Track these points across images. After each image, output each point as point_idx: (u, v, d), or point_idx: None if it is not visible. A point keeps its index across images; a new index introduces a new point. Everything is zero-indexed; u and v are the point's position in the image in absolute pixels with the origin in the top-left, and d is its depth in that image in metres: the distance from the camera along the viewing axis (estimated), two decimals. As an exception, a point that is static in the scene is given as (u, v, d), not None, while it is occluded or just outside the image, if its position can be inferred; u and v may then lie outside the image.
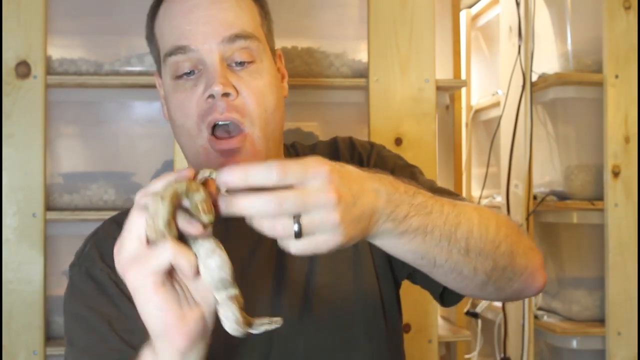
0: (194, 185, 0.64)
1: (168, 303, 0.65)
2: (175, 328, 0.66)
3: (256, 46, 0.96)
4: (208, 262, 0.65)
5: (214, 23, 0.94)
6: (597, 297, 1.84)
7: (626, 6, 1.80)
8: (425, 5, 1.70)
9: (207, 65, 0.94)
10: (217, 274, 0.66)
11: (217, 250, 0.66)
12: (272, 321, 0.70)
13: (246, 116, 0.94)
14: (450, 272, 0.82)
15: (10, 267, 1.59)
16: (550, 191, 1.91)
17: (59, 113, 1.70)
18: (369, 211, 0.71)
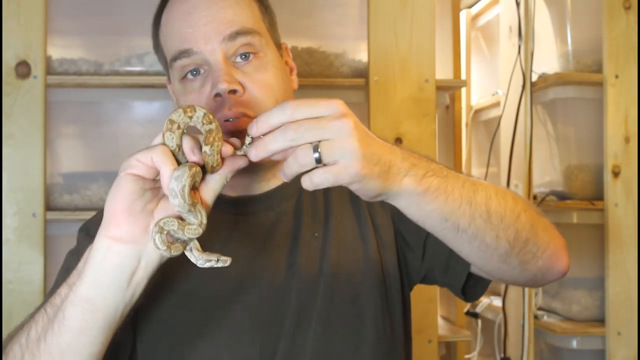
0: (208, 117, 0.74)
1: (127, 189, 0.73)
2: (118, 214, 0.74)
3: (258, 40, 0.97)
4: (173, 172, 0.72)
5: (214, 22, 0.95)
6: (597, 297, 1.84)
7: (626, 6, 1.80)
8: (425, 5, 1.70)
9: (211, 65, 0.95)
10: (171, 183, 0.72)
11: (185, 167, 0.72)
12: (221, 259, 0.76)
13: (255, 109, 0.95)
14: (474, 238, 0.82)
15: (10, 267, 1.59)
16: (550, 191, 1.91)
17: (59, 113, 1.70)
18: (387, 160, 0.76)
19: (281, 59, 1.03)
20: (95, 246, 0.75)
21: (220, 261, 0.77)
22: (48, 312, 0.78)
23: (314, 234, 1.01)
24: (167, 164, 0.73)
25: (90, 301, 0.75)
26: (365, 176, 0.72)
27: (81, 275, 0.76)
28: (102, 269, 0.75)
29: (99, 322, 0.76)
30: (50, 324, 0.76)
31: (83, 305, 0.75)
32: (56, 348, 0.76)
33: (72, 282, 0.77)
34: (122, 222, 0.74)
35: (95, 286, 0.75)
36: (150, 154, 0.73)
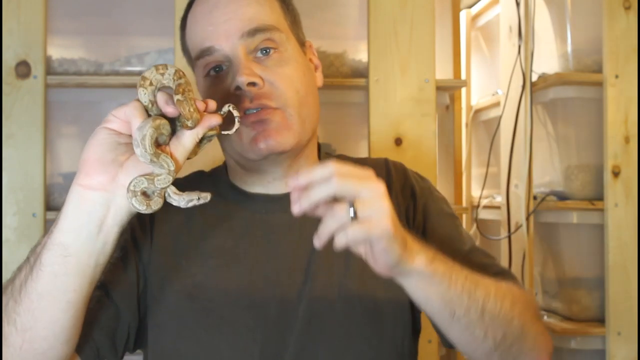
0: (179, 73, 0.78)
1: (101, 141, 0.78)
2: (90, 162, 0.79)
3: (278, 36, 0.99)
4: (140, 125, 0.77)
5: (234, 20, 0.97)
6: (597, 297, 1.84)
7: (626, 6, 1.80)
8: (425, 5, 1.70)
9: (232, 61, 0.97)
10: (135, 133, 0.76)
11: (150, 119, 0.76)
12: (201, 196, 0.80)
13: (276, 100, 0.96)
14: (465, 329, 0.87)
15: (10, 267, 1.58)
16: (550, 191, 1.91)
17: (59, 113, 1.70)
18: (404, 234, 0.79)
19: (304, 55, 1.04)
20: (69, 195, 0.80)
21: (201, 198, 0.80)
22: (30, 260, 0.81)
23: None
24: (136, 116, 0.77)
25: (63, 245, 0.79)
26: (393, 235, 0.75)
27: (56, 222, 0.80)
28: (74, 214, 0.79)
29: (72, 268, 0.79)
30: (30, 271, 0.80)
31: (57, 250, 0.79)
32: (34, 293, 0.79)
33: (51, 230, 0.80)
34: (93, 170, 0.79)
35: (67, 231, 0.79)
36: (123, 109, 0.78)
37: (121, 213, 0.80)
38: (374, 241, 0.75)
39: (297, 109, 0.98)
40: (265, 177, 1.03)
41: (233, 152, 1.01)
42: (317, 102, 1.04)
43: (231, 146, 1.00)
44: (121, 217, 0.81)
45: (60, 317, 0.81)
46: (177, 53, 1.62)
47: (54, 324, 0.81)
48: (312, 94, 1.02)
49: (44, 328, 0.80)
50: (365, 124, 1.70)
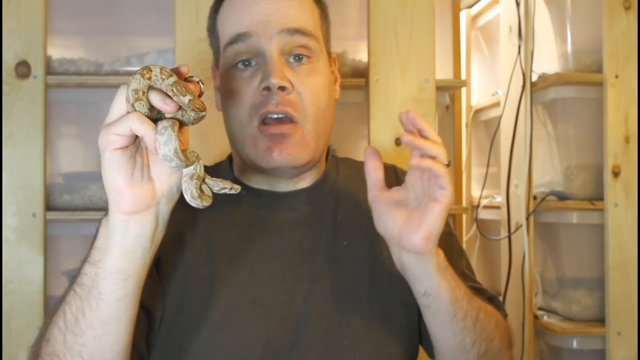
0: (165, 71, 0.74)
1: (121, 164, 0.74)
2: (122, 189, 0.75)
3: (314, 45, 0.99)
4: (158, 138, 0.74)
5: (276, 14, 0.97)
6: (597, 297, 1.84)
7: (626, 6, 1.80)
8: (425, 5, 1.70)
9: (265, 57, 0.96)
10: (162, 150, 0.74)
11: (168, 129, 0.74)
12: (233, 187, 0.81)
13: (299, 111, 0.96)
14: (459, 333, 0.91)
15: (10, 267, 1.59)
16: (550, 191, 1.91)
17: (59, 113, 1.70)
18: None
19: (329, 67, 1.04)
20: (113, 224, 0.77)
21: (233, 189, 0.81)
22: (79, 293, 0.80)
23: (342, 243, 1.01)
24: (148, 130, 0.74)
25: (122, 272, 0.78)
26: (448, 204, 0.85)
27: (106, 251, 0.77)
28: (126, 240, 0.77)
29: (132, 287, 0.79)
30: (85, 302, 0.79)
31: (116, 277, 0.78)
32: (98, 322, 0.79)
33: (95, 259, 0.78)
34: (130, 196, 0.75)
35: (123, 257, 0.77)
36: (127, 124, 0.73)
37: (166, 216, 0.80)
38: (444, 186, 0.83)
39: (315, 125, 0.98)
40: (271, 179, 1.03)
41: (243, 153, 1.00)
42: (333, 115, 1.04)
43: (243, 149, 1.00)
44: (166, 219, 0.81)
45: (124, 335, 0.81)
46: (177, 53, 1.62)
47: (118, 343, 0.81)
48: (330, 109, 1.02)
49: (110, 350, 0.80)
50: (365, 124, 1.70)
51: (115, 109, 0.76)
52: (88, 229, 1.72)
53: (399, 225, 0.87)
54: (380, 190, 0.89)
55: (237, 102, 0.98)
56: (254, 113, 0.96)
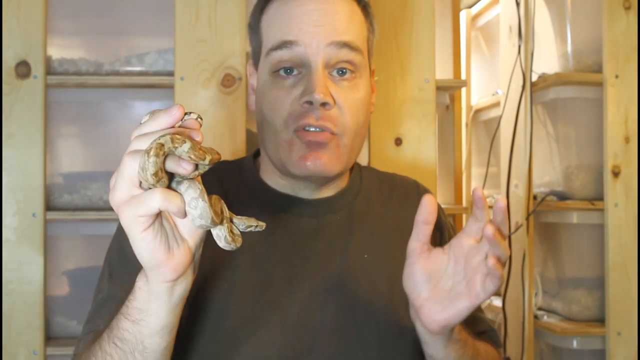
0: (177, 139, 0.67)
1: (156, 241, 0.70)
2: (163, 263, 0.71)
3: (359, 60, 0.97)
4: (190, 211, 0.70)
5: (326, 26, 0.95)
6: (597, 297, 1.84)
7: (626, 6, 1.80)
8: (425, 5, 1.70)
9: (310, 69, 0.94)
10: (198, 222, 0.71)
11: (199, 200, 0.70)
12: (258, 224, 0.79)
13: (339, 126, 0.95)
14: None
15: (10, 267, 1.59)
16: (550, 191, 1.91)
17: (59, 113, 1.70)
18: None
19: (370, 81, 1.03)
20: (157, 290, 0.74)
21: (259, 226, 0.79)
22: (121, 346, 0.78)
23: (364, 255, 1.01)
24: (179, 206, 0.69)
25: (167, 327, 0.77)
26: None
27: (149, 312, 0.76)
28: (171, 301, 0.76)
29: (175, 334, 0.79)
30: (129, 355, 0.78)
31: (161, 332, 0.77)
32: None
33: (136, 318, 0.76)
34: (172, 266, 0.72)
35: (169, 315, 0.76)
36: (154, 205, 0.67)
37: (199, 260, 0.78)
38: (489, 290, 0.81)
39: (351, 140, 0.97)
40: (298, 185, 1.02)
41: (275, 157, 0.99)
42: (367, 130, 1.04)
43: (276, 152, 0.98)
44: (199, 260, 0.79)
45: None
46: (177, 53, 1.62)
47: None
48: (366, 124, 1.02)
49: None
50: (365, 124, 1.70)
51: (123, 183, 0.69)
52: (88, 229, 1.73)
53: (423, 299, 0.85)
54: (422, 247, 0.86)
55: (275, 109, 0.96)
56: (292, 122, 0.95)
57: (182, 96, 1.62)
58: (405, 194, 1.10)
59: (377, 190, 1.09)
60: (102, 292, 0.94)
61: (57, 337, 1.66)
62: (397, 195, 1.10)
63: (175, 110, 0.69)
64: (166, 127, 0.69)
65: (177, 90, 1.62)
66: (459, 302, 0.82)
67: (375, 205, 1.07)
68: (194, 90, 1.62)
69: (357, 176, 1.09)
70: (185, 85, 1.62)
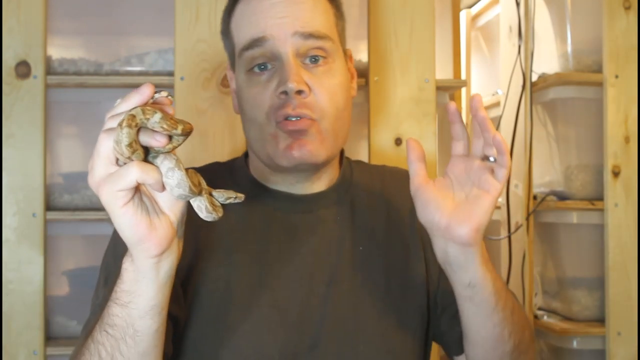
0: (148, 110, 0.69)
1: (137, 215, 0.71)
2: (146, 237, 0.72)
3: (329, 46, 0.99)
4: (167, 181, 0.71)
5: (290, 17, 0.97)
6: (597, 297, 1.84)
7: (626, 6, 1.80)
8: (425, 5, 1.70)
9: (281, 61, 0.96)
10: (176, 192, 0.72)
11: (175, 170, 0.71)
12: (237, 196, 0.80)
13: (317, 112, 0.96)
14: (499, 324, 0.92)
15: (10, 267, 1.59)
16: (550, 191, 1.91)
17: (59, 113, 1.70)
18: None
19: (346, 66, 1.05)
20: (142, 268, 0.75)
21: (237, 198, 0.80)
22: (112, 333, 0.78)
23: (359, 248, 1.01)
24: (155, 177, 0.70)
25: (156, 307, 0.77)
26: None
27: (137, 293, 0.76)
28: (159, 279, 0.76)
29: (165, 316, 0.79)
30: (121, 342, 0.78)
31: (152, 313, 0.77)
32: (136, 355, 0.78)
33: (125, 301, 0.76)
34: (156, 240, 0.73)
35: (157, 294, 0.76)
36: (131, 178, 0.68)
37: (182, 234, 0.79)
38: (502, 179, 0.86)
39: (333, 124, 0.98)
40: (289, 179, 1.02)
41: (263, 153, 1.00)
42: (350, 114, 1.04)
43: (263, 147, 0.99)
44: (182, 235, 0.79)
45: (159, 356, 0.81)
46: (177, 53, 1.62)
47: None
48: (347, 109, 1.02)
49: None
50: (365, 124, 1.70)
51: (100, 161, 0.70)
52: (88, 229, 1.73)
53: (447, 216, 0.86)
54: (424, 180, 0.89)
55: (256, 106, 0.97)
56: (272, 115, 0.96)
57: (182, 96, 1.62)
58: (397, 184, 1.10)
59: (368, 182, 1.09)
60: (98, 297, 0.94)
61: (57, 337, 1.66)
62: (388, 186, 1.10)
63: (145, 88, 0.71)
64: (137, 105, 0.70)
65: (177, 90, 1.62)
66: (480, 202, 0.85)
67: (367, 197, 1.07)
68: (194, 90, 1.62)
69: (347, 170, 1.10)
70: (185, 85, 1.62)
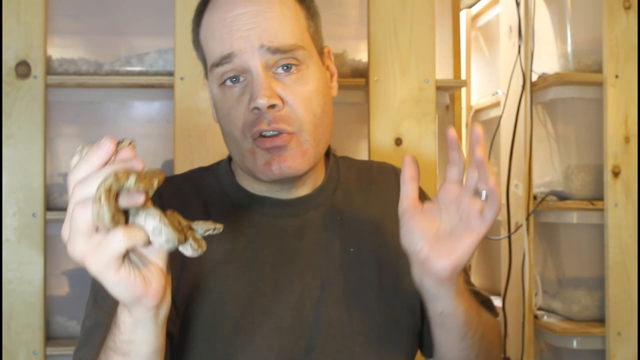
0: (120, 176, 0.66)
1: (131, 277, 0.68)
2: (143, 294, 0.69)
3: (301, 54, 0.95)
4: (155, 239, 0.70)
5: (257, 29, 0.93)
6: (597, 297, 1.84)
7: (626, 6, 1.80)
8: (425, 5, 1.70)
9: (252, 74, 0.93)
10: (165, 247, 0.70)
11: (162, 226, 0.70)
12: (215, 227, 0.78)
13: (293, 124, 0.94)
14: (467, 349, 0.94)
15: (10, 267, 1.59)
16: (550, 191, 1.91)
17: (59, 113, 1.70)
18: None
19: (322, 67, 1.01)
20: (141, 318, 0.73)
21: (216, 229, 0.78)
22: None
23: (349, 249, 1.00)
24: (144, 239, 0.68)
25: (157, 349, 0.76)
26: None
27: (138, 343, 0.75)
28: (157, 325, 0.75)
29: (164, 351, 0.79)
30: None
31: (153, 356, 0.76)
32: None
33: (126, 350, 0.75)
34: (150, 294, 0.70)
35: (157, 337, 0.75)
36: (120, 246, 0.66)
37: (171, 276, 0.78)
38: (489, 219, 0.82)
39: (312, 133, 0.95)
40: (274, 186, 1.01)
41: (243, 166, 0.99)
42: (331, 116, 1.01)
43: (242, 162, 0.98)
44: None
45: None
46: (177, 53, 1.62)
47: None
48: (327, 112, 0.99)
49: None
50: (365, 124, 1.70)
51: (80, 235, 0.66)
52: (88, 229, 1.73)
53: (428, 247, 0.84)
54: (414, 203, 0.86)
55: (230, 121, 0.96)
56: (247, 131, 0.94)
57: (182, 96, 1.62)
58: (384, 180, 1.09)
59: (355, 181, 1.08)
60: (88, 318, 0.93)
61: (57, 337, 1.66)
62: (375, 182, 1.09)
63: (107, 144, 0.68)
64: (102, 165, 0.67)
65: (177, 90, 1.62)
66: (463, 240, 0.83)
67: (355, 196, 1.06)
68: (194, 90, 1.62)
69: (334, 169, 1.07)
70: (185, 85, 1.62)
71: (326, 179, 1.05)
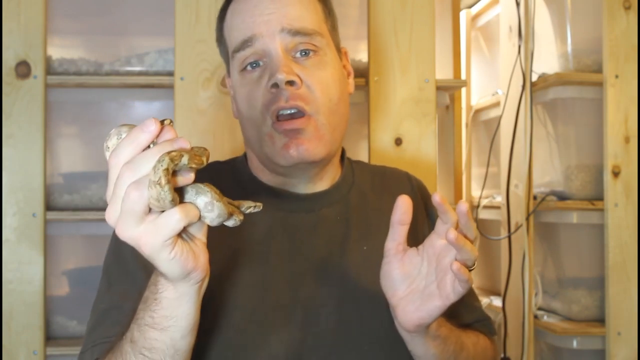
0: (174, 156, 0.65)
1: (184, 255, 0.69)
2: (194, 268, 0.71)
3: (319, 41, 0.98)
4: (206, 215, 0.70)
5: (277, 13, 0.97)
6: (597, 297, 1.84)
7: (626, 6, 1.80)
8: (425, 5, 1.70)
9: (271, 56, 0.96)
10: (216, 222, 0.71)
11: (214, 203, 0.70)
12: (256, 205, 0.79)
13: (310, 104, 0.96)
14: None
15: (10, 267, 1.59)
16: (550, 191, 1.91)
17: (59, 113, 1.70)
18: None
19: (340, 61, 1.04)
20: (186, 292, 0.74)
21: (257, 207, 0.79)
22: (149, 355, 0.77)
23: (363, 247, 1.01)
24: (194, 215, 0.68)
25: (196, 323, 0.77)
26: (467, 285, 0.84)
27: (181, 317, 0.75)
28: (199, 297, 0.76)
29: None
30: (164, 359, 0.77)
31: (193, 331, 0.77)
32: None
33: (165, 325, 0.75)
34: (199, 268, 0.71)
35: (197, 312, 0.76)
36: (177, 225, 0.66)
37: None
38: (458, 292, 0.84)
39: (328, 117, 0.97)
40: (290, 180, 1.02)
41: (261, 153, 1.00)
42: (348, 109, 1.04)
43: (260, 148, 0.98)
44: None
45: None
46: (177, 53, 1.62)
47: None
48: (343, 102, 1.02)
49: None
50: (365, 124, 1.70)
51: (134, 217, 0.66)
52: (88, 229, 1.73)
53: (398, 298, 0.87)
54: (396, 249, 0.87)
55: (250, 104, 0.97)
56: (266, 111, 0.96)
57: (182, 96, 1.62)
58: (397, 185, 1.10)
59: (369, 183, 1.09)
60: (103, 302, 0.94)
61: (57, 337, 1.66)
62: (389, 186, 1.10)
63: (152, 125, 0.68)
64: (146, 145, 0.68)
65: (177, 90, 1.62)
66: (431, 303, 0.85)
67: (369, 197, 1.07)
68: (194, 90, 1.62)
69: (349, 169, 1.09)
70: (185, 85, 1.62)
71: (342, 177, 1.07)
